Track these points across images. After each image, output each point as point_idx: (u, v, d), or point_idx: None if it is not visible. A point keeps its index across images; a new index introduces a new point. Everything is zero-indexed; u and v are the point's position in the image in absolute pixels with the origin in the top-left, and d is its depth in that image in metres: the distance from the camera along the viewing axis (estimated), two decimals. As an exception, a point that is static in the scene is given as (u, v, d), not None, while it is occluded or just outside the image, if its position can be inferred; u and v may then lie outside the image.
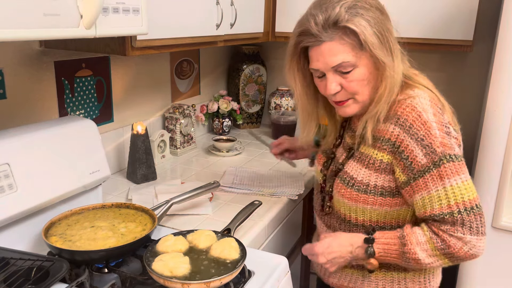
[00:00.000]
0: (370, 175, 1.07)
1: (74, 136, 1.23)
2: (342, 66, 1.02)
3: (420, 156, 1.00)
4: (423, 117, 1.00)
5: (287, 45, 1.12)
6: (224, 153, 1.96)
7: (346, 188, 1.11)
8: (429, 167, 0.99)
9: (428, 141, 0.99)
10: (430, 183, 0.99)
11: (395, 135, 1.02)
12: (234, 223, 1.21)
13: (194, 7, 1.48)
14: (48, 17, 0.88)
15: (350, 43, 1.00)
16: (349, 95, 1.07)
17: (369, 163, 1.07)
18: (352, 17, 0.99)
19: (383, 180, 1.06)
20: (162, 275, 0.92)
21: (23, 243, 1.10)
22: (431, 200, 1.00)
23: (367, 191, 1.08)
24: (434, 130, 1.00)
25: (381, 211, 1.09)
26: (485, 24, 1.89)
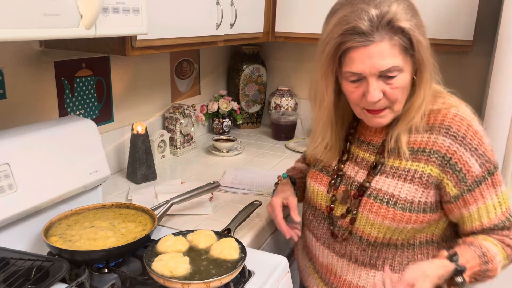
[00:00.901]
0: (416, 191, 0.99)
1: (74, 136, 1.23)
2: (390, 71, 0.93)
3: (475, 166, 0.97)
4: (474, 127, 0.98)
5: (321, 48, 0.98)
6: (224, 153, 1.96)
7: (387, 207, 1.00)
8: (484, 177, 0.97)
9: (482, 151, 0.97)
10: (486, 193, 0.97)
11: (445, 146, 0.97)
12: (234, 223, 1.21)
13: (194, 7, 1.48)
14: (48, 17, 0.88)
15: (399, 45, 0.92)
16: (389, 103, 0.98)
17: (414, 178, 1.00)
18: (407, 16, 0.93)
19: (427, 196, 1.00)
20: (162, 275, 0.92)
21: (23, 243, 1.10)
22: (488, 210, 0.98)
23: (412, 209, 0.99)
24: (485, 138, 0.99)
25: (418, 228, 1.02)
26: (485, 24, 1.89)
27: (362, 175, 1.07)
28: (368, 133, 1.10)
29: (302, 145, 2.13)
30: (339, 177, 1.11)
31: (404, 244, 1.04)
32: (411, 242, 1.04)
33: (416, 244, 1.05)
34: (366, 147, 1.09)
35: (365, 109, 1.01)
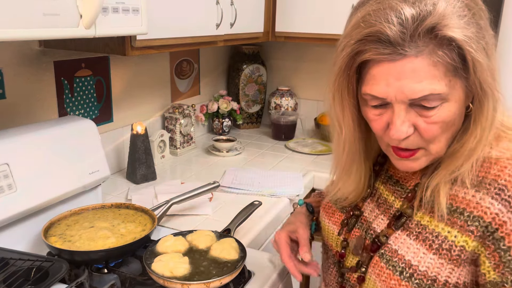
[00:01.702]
0: (441, 266, 0.71)
1: (74, 136, 1.22)
2: (427, 99, 0.67)
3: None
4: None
5: (336, 56, 0.73)
6: (224, 153, 1.96)
7: (399, 279, 0.74)
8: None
9: None
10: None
11: (492, 213, 0.68)
12: (234, 223, 1.21)
13: (194, 7, 1.48)
14: (48, 17, 0.88)
15: (444, 64, 0.66)
16: (423, 143, 0.73)
17: (441, 248, 0.72)
18: (461, 22, 0.65)
19: (458, 275, 0.71)
20: (162, 276, 0.91)
21: (22, 244, 1.10)
22: None
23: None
24: None
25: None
26: (485, 24, 1.88)
27: (381, 222, 0.82)
28: (400, 170, 0.80)
29: (302, 145, 2.13)
30: (355, 217, 0.88)
31: None
32: None
33: None
34: (393, 186, 0.83)
35: (391, 146, 0.76)
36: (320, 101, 2.41)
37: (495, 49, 0.70)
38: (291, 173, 1.73)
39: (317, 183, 1.77)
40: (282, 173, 1.73)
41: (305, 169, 1.81)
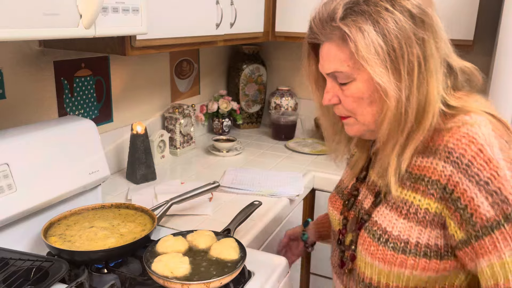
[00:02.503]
0: (411, 228, 0.81)
1: (74, 136, 1.22)
2: (335, 76, 0.84)
3: (484, 206, 0.73)
4: (487, 153, 0.74)
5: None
6: (224, 153, 1.96)
7: (377, 245, 0.84)
8: (498, 222, 0.72)
9: (496, 185, 0.72)
10: (501, 244, 0.72)
11: (446, 175, 0.77)
12: (234, 223, 1.20)
13: (194, 7, 1.48)
14: (48, 17, 0.88)
15: (350, 49, 0.79)
16: (348, 112, 0.86)
17: (409, 212, 0.81)
18: (352, 16, 0.78)
19: (428, 236, 0.80)
20: (162, 276, 0.91)
21: (22, 244, 1.10)
22: (505, 269, 0.71)
23: (406, 251, 0.81)
24: (503, 170, 0.73)
25: (422, 276, 0.81)
26: (486, 23, 1.89)
27: (369, 202, 0.92)
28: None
29: (302, 145, 2.13)
30: (353, 197, 0.97)
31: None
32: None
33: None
34: (377, 168, 0.89)
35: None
36: (320, 101, 2.40)
37: (429, 46, 0.79)
38: (291, 173, 1.73)
39: (317, 183, 1.77)
40: (282, 173, 1.73)
41: (305, 169, 1.81)
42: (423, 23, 0.78)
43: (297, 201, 1.59)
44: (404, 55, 0.77)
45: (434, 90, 0.79)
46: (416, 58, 0.77)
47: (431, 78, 0.79)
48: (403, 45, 0.76)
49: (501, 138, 0.77)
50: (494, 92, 1.40)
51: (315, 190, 1.79)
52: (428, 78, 0.78)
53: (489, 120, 0.79)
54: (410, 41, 0.77)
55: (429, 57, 0.79)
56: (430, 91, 0.79)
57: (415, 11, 0.78)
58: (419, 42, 0.78)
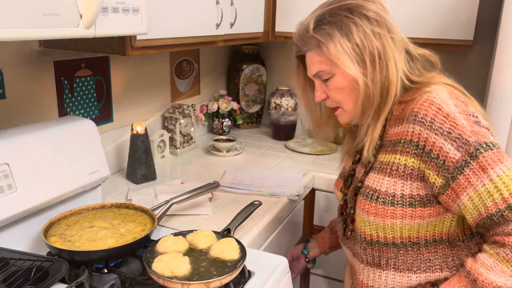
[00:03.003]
0: (395, 183, 0.97)
1: (74, 136, 1.22)
2: (319, 75, 1.04)
3: (452, 151, 0.89)
4: (444, 110, 0.91)
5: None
6: (224, 153, 1.96)
7: (370, 203, 1.00)
8: (466, 161, 0.88)
9: (457, 133, 0.89)
10: (473, 178, 0.88)
11: (416, 134, 0.93)
12: (234, 223, 1.21)
13: (194, 7, 1.48)
14: (48, 17, 0.88)
15: (324, 52, 1.00)
16: (336, 103, 1.06)
17: (392, 170, 0.98)
18: (321, 26, 1.00)
19: (410, 188, 0.96)
20: (163, 276, 0.91)
21: (22, 243, 1.10)
22: (482, 198, 0.87)
23: (394, 203, 0.96)
24: (460, 120, 0.90)
25: (412, 224, 0.97)
26: (485, 24, 1.89)
27: (362, 174, 1.09)
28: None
29: (302, 145, 2.13)
30: (351, 176, 1.14)
31: (405, 243, 1.00)
32: (414, 240, 0.99)
33: (421, 243, 0.99)
34: (359, 138, 1.09)
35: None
36: (320, 101, 2.41)
37: (384, 38, 0.98)
38: (291, 173, 1.73)
39: (317, 183, 1.78)
40: (282, 173, 1.73)
41: (305, 169, 1.81)
42: (377, 21, 0.98)
43: (297, 201, 1.59)
44: (365, 48, 0.96)
45: (394, 72, 0.97)
46: (375, 49, 0.96)
47: (390, 62, 0.97)
48: (364, 40, 0.96)
49: (456, 99, 0.95)
50: (494, 92, 1.40)
51: (315, 190, 1.79)
52: (387, 63, 0.97)
53: (446, 88, 0.97)
54: (369, 37, 0.96)
55: (386, 47, 0.97)
56: (390, 73, 0.97)
57: (369, 14, 0.98)
58: (376, 36, 0.97)
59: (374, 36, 0.97)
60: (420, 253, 1.00)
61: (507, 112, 1.38)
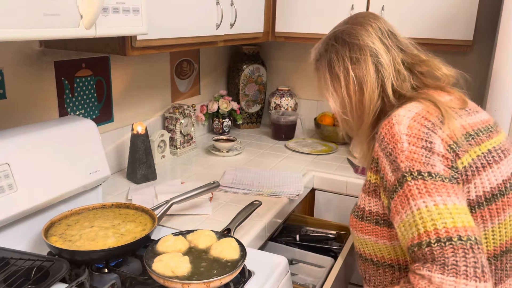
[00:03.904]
0: (365, 198, 0.97)
1: (74, 136, 1.23)
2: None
3: (389, 173, 0.87)
4: (394, 129, 0.88)
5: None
6: (224, 153, 1.96)
7: (352, 215, 1.03)
8: (395, 186, 0.85)
9: (394, 155, 0.86)
10: (399, 206, 0.83)
11: (376, 151, 0.93)
12: (234, 223, 1.21)
13: (194, 7, 1.48)
14: (48, 17, 0.88)
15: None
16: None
17: (364, 186, 0.99)
18: (317, 56, 1.10)
19: (375, 205, 0.94)
20: (163, 275, 0.92)
21: (23, 243, 1.10)
22: (406, 229, 0.82)
23: (364, 218, 0.96)
24: (402, 143, 0.86)
25: (381, 244, 0.95)
26: (485, 24, 1.89)
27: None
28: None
29: (302, 145, 2.13)
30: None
31: (381, 263, 0.97)
32: (388, 262, 0.95)
33: (395, 267, 0.95)
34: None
35: None
36: (320, 101, 2.41)
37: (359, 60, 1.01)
38: (291, 173, 1.73)
39: (317, 183, 1.78)
40: (282, 173, 1.73)
41: (305, 169, 1.81)
42: (358, 46, 1.01)
43: (297, 201, 1.59)
44: (342, 77, 1.02)
45: (370, 96, 1.00)
46: (351, 77, 1.01)
47: (366, 87, 1.00)
48: (342, 69, 1.02)
49: (423, 119, 0.89)
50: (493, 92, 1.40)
51: (315, 190, 1.80)
52: (363, 88, 1.00)
53: (423, 105, 0.92)
54: (346, 64, 1.01)
55: (363, 72, 1.00)
56: (365, 97, 1.00)
57: (351, 40, 1.01)
58: (355, 62, 1.01)
59: (352, 63, 1.01)
60: (395, 277, 0.96)
61: (507, 112, 1.38)
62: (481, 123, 0.97)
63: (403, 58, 1.02)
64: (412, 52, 1.05)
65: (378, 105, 1.00)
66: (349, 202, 1.71)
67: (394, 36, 1.05)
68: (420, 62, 1.03)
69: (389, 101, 0.99)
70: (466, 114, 0.97)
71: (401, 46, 1.04)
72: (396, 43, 1.04)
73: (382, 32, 1.03)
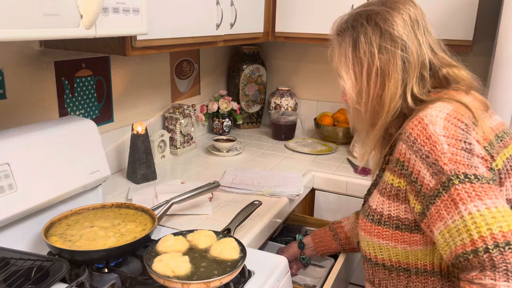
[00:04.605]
0: (383, 202, 0.91)
1: (74, 136, 1.23)
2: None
3: (427, 177, 0.81)
4: (429, 131, 0.83)
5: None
6: (224, 153, 1.96)
7: (362, 218, 0.98)
8: (438, 191, 0.79)
9: (433, 158, 0.81)
10: (444, 212, 0.78)
11: (402, 153, 0.87)
12: (234, 223, 1.21)
13: (194, 7, 1.48)
14: (48, 17, 0.88)
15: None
16: (345, 105, 1.08)
17: (383, 189, 0.92)
18: (340, 29, 1.01)
19: (397, 210, 0.89)
20: (163, 275, 0.92)
21: (23, 243, 1.10)
22: (451, 235, 0.77)
23: (381, 222, 0.91)
24: (442, 145, 0.81)
25: (399, 249, 0.90)
26: (485, 24, 1.89)
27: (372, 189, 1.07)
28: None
29: (302, 145, 2.13)
30: (373, 186, 1.09)
31: (395, 267, 0.94)
32: (404, 266, 0.92)
33: (411, 271, 0.92)
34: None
35: None
36: (320, 101, 2.41)
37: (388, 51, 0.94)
38: (291, 173, 1.73)
39: (317, 183, 1.78)
40: (282, 173, 1.73)
41: (305, 169, 1.81)
42: (390, 36, 0.93)
43: (297, 201, 1.59)
44: (366, 62, 0.94)
45: (391, 91, 0.93)
46: (375, 65, 0.93)
47: (389, 81, 0.93)
48: (367, 54, 0.94)
49: (456, 120, 0.85)
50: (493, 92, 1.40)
51: (315, 190, 1.80)
52: (385, 81, 0.94)
53: (452, 105, 0.87)
54: (373, 51, 0.93)
55: (389, 65, 0.93)
56: (386, 92, 0.94)
57: (385, 26, 0.93)
58: (383, 52, 0.93)
59: (380, 52, 0.93)
60: (410, 281, 0.93)
61: (507, 112, 1.38)
62: (501, 126, 0.97)
63: (430, 59, 0.96)
64: (440, 54, 0.98)
65: (399, 104, 0.94)
66: (349, 202, 1.71)
67: (429, 33, 0.98)
68: (447, 66, 0.97)
69: (407, 103, 0.94)
70: (488, 116, 0.95)
71: (432, 46, 0.97)
72: (429, 42, 0.97)
73: (418, 25, 0.96)
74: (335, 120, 2.20)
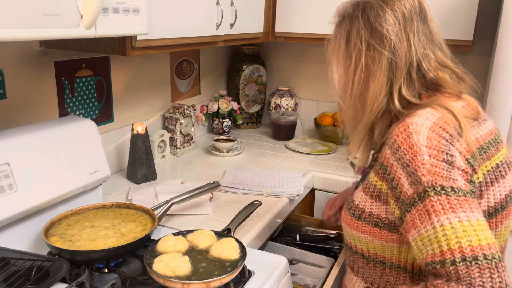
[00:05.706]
0: (366, 200, 0.94)
1: (74, 136, 1.23)
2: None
3: (406, 185, 0.83)
4: (412, 140, 0.84)
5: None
6: (224, 153, 1.96)
7: (345, 210, 1.02)
8: (414, 200, 0.81)
9: (413, 168, 0.82)
10: (418, 221, 0.80)
11: (387, 158, 0.88)
12: (234, 223, 1.21)
13: (194, 7, 1.48)
14: (48, 17, 0.88)
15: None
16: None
17: (366, 187, 0.96)
18: (338, 17, 1.03)
19: (378, 209, 0.92)
20: (163, 275, 0.92)
21: (23, 243, 1.10)
22: (424, 243, 0.79)
23: (361, 218, 0.95)
24: (423, 155, 0.82)
25: (377, 243, 0.94)
26: (485, 24, 1.89)
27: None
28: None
29: (302, 145, 2.13)
30: (361, 181, 1.11)
31: (373, 258, 0.97)
32: (380, 259, 0.95)
33: (386, 264, 0.94)
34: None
35: None
36: (320, 101, 2.41)
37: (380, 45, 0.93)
38: (291, 173, 1.73)
39: (317, 183, 1.78)
40: (282, 173, 1.73)
41: (305, 169, 1.81)
42: (380, 35, 0.92)
43: (297, 201, 1.59)
44: (352, 56, 0.95)
45: (374, 90, 0.94)
46: (361, 62, 0.94)
47: (372, 80, 0.93)
48: (355, 47, 0.94)
49: (440, 130, 0.85)
50: (493, 92, 1.40)
51: (315, 190, 1.80)
52: (369, 79, 0.94)
53: (440, 113, 0.88)
54: (361, 46, 0.94)
55: (374, 64, 0.93)
56: (370, 90, 0.94)
57: (375, 23, 0.93)
58: (370, 49, 0.93)
59: (367, 49, 0.93)
60: (384, 273, 0.96)
61: (507, 112, 1.38)
62: (490, 134, 0.95)
63: (420, 61, 0.93)
64: (437, 54, 0.96)
65: (383, 105, 0.95)
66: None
67: (427, 31, 0.95)
68: (437, 69, 0.95)
69: (394, 105, 0.94)
70: (478, 124, 0.94)
71: (425, 46, 0.94)
72: (423, 42, 0.94)
73: (412, 24, 0.93)
74: (335, 120, 2.20)
